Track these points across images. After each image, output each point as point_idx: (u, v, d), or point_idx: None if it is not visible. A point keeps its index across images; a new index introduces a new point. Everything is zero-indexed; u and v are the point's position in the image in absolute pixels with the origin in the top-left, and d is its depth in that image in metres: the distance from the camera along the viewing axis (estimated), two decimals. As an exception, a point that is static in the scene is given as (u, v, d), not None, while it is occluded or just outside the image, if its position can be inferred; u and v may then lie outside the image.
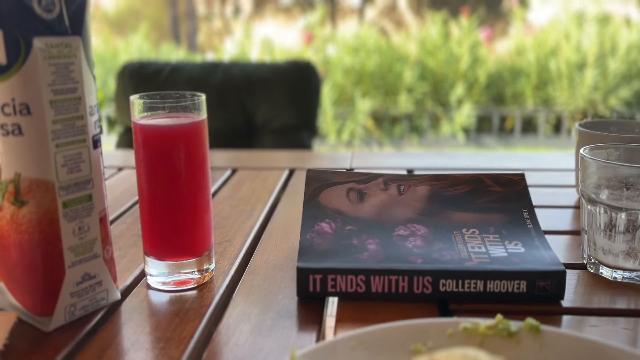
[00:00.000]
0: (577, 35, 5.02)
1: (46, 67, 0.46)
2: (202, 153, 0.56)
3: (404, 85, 5.20)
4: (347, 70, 5.30)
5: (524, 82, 5.09)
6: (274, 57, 5.42)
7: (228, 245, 0.66)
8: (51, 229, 0.48)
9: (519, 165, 1.02)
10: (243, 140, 1.57)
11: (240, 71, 1.61)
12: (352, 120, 5.23)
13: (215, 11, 15.48)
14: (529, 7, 8.63)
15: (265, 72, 1.60)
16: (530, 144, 5.10)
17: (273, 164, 1.03)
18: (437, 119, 5.31)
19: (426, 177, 0.65)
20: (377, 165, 1.01)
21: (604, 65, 4.87)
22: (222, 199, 0.83)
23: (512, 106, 5.23)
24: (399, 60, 5.27)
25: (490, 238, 0.57)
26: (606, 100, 4.90)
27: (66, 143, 0.48)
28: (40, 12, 0.45)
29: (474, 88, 5.17)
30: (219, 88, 1.57)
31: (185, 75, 1.58)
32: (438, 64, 5.21)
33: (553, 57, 5.03)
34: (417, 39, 5.47)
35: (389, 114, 5.39)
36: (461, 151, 5.07)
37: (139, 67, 1.60)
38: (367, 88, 5.31)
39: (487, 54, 5.29)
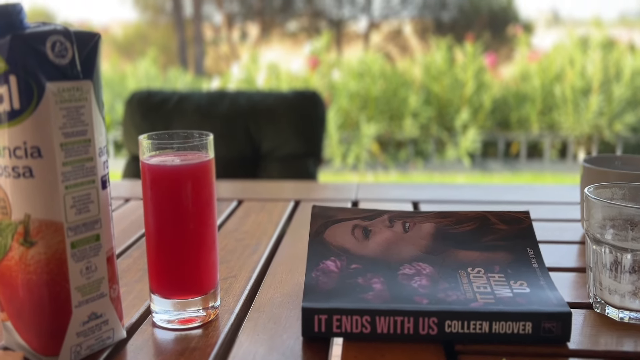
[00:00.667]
0: (581, 60, 5.05)
1: (58, 111, 0.47)
2: (209, 192, 0.57)
3: (409, 110, 5.22)
4: (352, 95, 5.34)
5: (529, 107, 5.11)
6: (280, 82, 5.48)
7: (233, 281, 0.66)
8: (59, 269, 0.48)
9: (524, 197, 1.02)
10: (249, 169, 1.58)
11: (247, 100, 1.63)
12: (357, 144, 5.25)
13: (223, 36, 15.63)
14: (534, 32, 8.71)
15: (271, 101, 1.62)
16: (536, 169, 5.10)
17: (279, 195, 1.03)
18: (443, 144, 5.32)
19: (431, 214, 0.65)
20: (383, 197, 1.01)
21: (609, 90, 4.89)
22: (228, 232, 0.84)
23: (517, 131, 5.24)
24: (404, 85, 5.31)
25: (496, 278, 0.57)
26: (612, 125, 4.90)
27: (75, 184, 0.49)
28: (53, 58, 0.46)
29: (479, 113, 5.19)
30: (226, 117, 1.58)
31: (192, 104, 1.60)
32: (443, 89, 5.24)
33: (558, 83, 5.05)
34: (422, 64, 5.51)
35: (394, 139, 5.41)
36: (466, 176, 5.07)
37: (146, 96, 1.62)
38: (372, 113, 5.35)
39: (491, 79, 5.32)
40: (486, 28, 13.59)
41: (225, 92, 1.69)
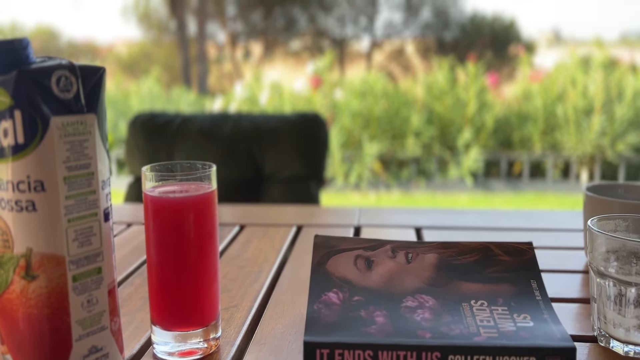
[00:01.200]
0: (583, 80, 5.07)
1: (61, 144, 0.47)
2: (212, 223, 0.57)
3: (412, 129, 5.24)
4: (354, 114, 5.36)
5: (531, 127, 5.12)
6: (282, 101, 5.50)
7: (235, 312, 0.66)
8: (60, 303, 0.48)
9: (526, 224, 1.01)
10: (252, 191, 1.58)
11: (250, 122, 1.63)
12: (359, 163, 5.26)
13: (226, 54, 15.73)
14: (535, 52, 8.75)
15: (274, 123, 1.63)
16: (539, 189, 5.09)
17: (281, 220, 1.03)
18: (445, 163, 5.32)
19: (434, 244, 0.65)
20: (385, 222, 1.01)
21: (611, 111, 4.90)
22: (230, 258, 0.83)
23: (519, 151, 5.24)
24: (406, 104, 5.33)
25: (499, 311, 0.56)
26: (614, 145, 4.91)
27: (78, 217, 0.49)
28: (58, 93, 0.46)
29: (482, 132, 5.20)
30: (229, 139, 1.59)
31: (195, 126, 1.61)
32: (445, 109, 5.26)
33: (560, 103, 5.07)
34: (424, 84, 5.54)
35: (396, 158, 5.42)
36: (469, 195, 5.06)
37: (150, 118, 1.63)
38: (374, 132, 5.36)
39: (494, 99, 5.34)
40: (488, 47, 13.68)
41: (228, 115, 1.69)
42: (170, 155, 1.56)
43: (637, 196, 0.82)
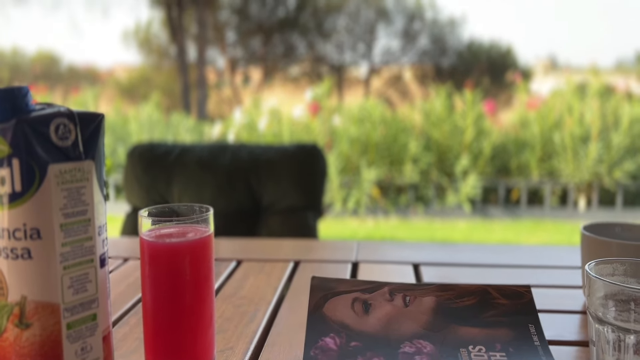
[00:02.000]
0: (579, 108, 5.11)
1: (59, 192, 0.47)
2: (208, 267, 0.56)
3: (409, 156, 5.26)
4: (353, 140, 5.39)
5: (528, 154, 5.14)
6: (281, 127, 5.53)
7: (230, 354, 0.65)
8: (53, 352, 0.48)
9: (524, 260, 1.01)
10: (249, 221, 1.58)
11: (248, 153, 1.64)
12: (358, 189, 5.26)
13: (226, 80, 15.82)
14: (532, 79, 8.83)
15: (272, 154, 1.63)
16: (537, 216, 5.09)
17: (278, 255, 1.03)
18: (443, 189, 5.33)
19: (432, 287, 0.65)
20: (383, 258, 1.01)
21: (608, 138, 4.93)
22: (226, 296, 0.83)
23: (517, 178, 5.26)
24: (404, 131, 5.36)
25: (497, 357, 0.56)
26: (611, 173, 4.92)
27: (74, 264, 0.48)
28: (56, 141, 0.47)
29: (479, 159, 5.22)
30: (227, 170, 1.59)
31: (194, 157, 1.61)
32: (443, 136, 5.29)
33: (557, 130, 5.10)
34: (421, 111, 5.58)
35: (394, 184, 5.43)
36: (467, 222, 5.05)
37: (148, 148, 1.63)
38: (372, 158, 5.38)
39: (491, 126, 5.38)
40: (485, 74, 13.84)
41: (227, 145, 1.70)
42: (169, 185, 1.56)
43: (635, 235, 0.82)
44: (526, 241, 4.40)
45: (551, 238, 4.48)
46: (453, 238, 4.55)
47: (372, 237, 4.62)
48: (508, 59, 14.44)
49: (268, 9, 15.31)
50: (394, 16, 15.31)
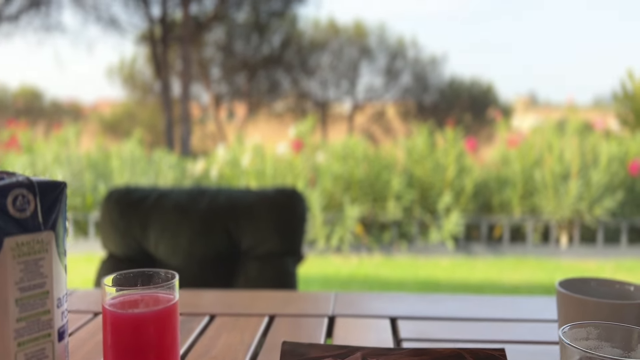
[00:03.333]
0: (559, 145, 5.19)
1: (15, 265, 0.45)
2: (173, 335, 0.55)
3: (392, 193, 5.27)
4: (336, 177, 5.39)
5: (510, 191, 5.19)
6: (264, 164, 5.53)
7: None
8: None
9: (502, 313, 1.00)
10: (227, 267, 1.55)
11: (226, 197, 1.63)
12: (341, 226, 5.25)
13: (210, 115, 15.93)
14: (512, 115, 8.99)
15: (251, 198, 1.62)
16: (519, 253, 5.11)
17: (253, 308, 1.01)
18: (426, 226, 5.34)
19: (406, 351, 0.63)
20: (360, 312, 0.99)
21: (587, 176, 5.00)
22: (197, 355, 0.80)
23: (499, 214, 5.29)
24: (386, 168, 5.39)
25: None
26: (591, 210, 4.97)
27: (29, 340, 0.46)
28: (13, 212, 0.45)
29: (461, 196, 5.25)
30: (205, 214, 1.57)
31: (172, 201, 1.59)
32: (425, 173, 5.32)
33: (537, 167, 5.16)
34: (404, 147, 5.62)
35: (377, 221, 5.42)
36: (450, 259, 5.05)
37: (125, 193, 1.61)
38: (355, 194, 5.38)
39: (472, 163, 5.43)
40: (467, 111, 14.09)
41: (205, 189, 1.68)
42: (145, 231, 1.53)
43: (610, 291, 0.81)
44: (509, 279, 4.40)
45: (534, 275, 4.48)
46: (436, 276, 4.53)
47: (356, 275, 4.59)
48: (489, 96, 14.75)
49: (252, 46, 15.51)
50: (376, 54, 15.60)
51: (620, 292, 0.81)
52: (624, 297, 0.79)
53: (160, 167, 5.56)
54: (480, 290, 4.14)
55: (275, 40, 16.69)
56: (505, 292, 4.08)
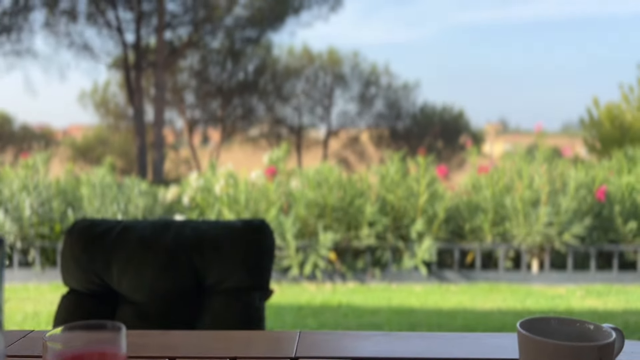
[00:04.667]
0: (529, 171, 5.27)
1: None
2: (118, 393, 0.52)
3: (366, 219, 5.28)
4: (309, 204, 5.38)
5: (481, 217, 5.24)
6: (237, 191, 5.49)
7: None
8: None
9: (467, 352, 0.99)
10: (192, 303, 1.52)
11: (193, 230, 1.60)
12: (315, 253, 5.22)
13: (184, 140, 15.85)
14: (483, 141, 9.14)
15: (217, 231, 1.59)
16: (491, 279, 5.14)
17: (214, 350, 0.98)
18: (399, 253, 5.34)
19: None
20: (324, 352, 0.97)
21: (557, 202, 5.08)
22: (153, 404, 0.77)
23: (471, 241, 5.33)
24: (360, 194, 5.40)
25: None
26: (561, 235, 5.04)
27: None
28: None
29: (434, 223, 5.28)
30: (170, 248, 1.54)
31: (136, 235, 1.56)
32: (398, 199, 5.35)
33: (508, 194, 5.23)
34: (377, 174, 5.64)
35: (351, 247, 5.41)
36: (423, 285, 5.05)
37: (89, 226, 1.57)
38: (329, 221, 5.37)
39: (444, 190, 5.48)
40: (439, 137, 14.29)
41: (171, 222, 1.66)
42: (108, 266, 1.50)
43: (570, 330, 0.81)
44: (481, 305, 4.41)
45: (506, 301, 4.51)
46: (410, 303, 4.53)
47: (329, 302, 4.56)
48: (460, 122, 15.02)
49: (227, 73, 15.56)
50: (350, 81, 15.80)
51: (580, 331, 0.81)
52: (584, 336, 0.79)
53: (131, 195, 5.48)
54: (454, 316, 4.15)
55: (250, 66, 16.79)
56: (477, 318, 4.09)
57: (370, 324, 3.98)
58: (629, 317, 4.02)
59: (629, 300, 4.55)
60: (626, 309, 4.29)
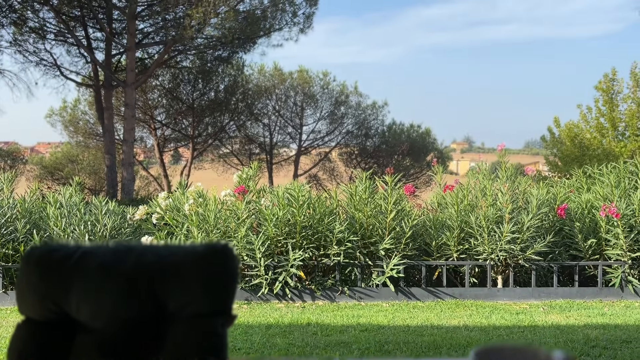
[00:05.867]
0: (492, 189, 5.40)
1: None
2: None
3: (335, 237, 5.32)
4: (279, 222, 5.40)
5: (447, 234, 5.33)
6: (207, 210, 5.48)
7: None
8: None
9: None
10: (154, 329, 1.54)
11: (154, 255, 1.62)
12: (284, 271, 5.23)
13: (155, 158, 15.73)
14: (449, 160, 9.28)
15: (179, 256, 1.61)
16: (457, 295, 5.22)
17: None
18: (368, 270, 5.40)
19: None
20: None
21: (519, 219, 5.21)
22: None
23: (438, 257, 5.41)
24: (329, 213, 5.45)
25: None
26: (524, 252, 5.17)
27: None
28: None
29: (401, 240, 5.35)
30: (131, 274, 1.56)
31: (96, 261, 1.57)
32: (366, 217, 5.42)
33: (472, 211, 5.34)
34: (346, 192, 5.71)
35: (320, 265, 5.45)
36: (391, 303, 5.10)
37: (46, 252, 1.58)
38: (299, 239, 5.40)
39: (411, 207, 5.57)
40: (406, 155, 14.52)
41: (132, 247, 1.67)
42: (66, 293, 1.51)
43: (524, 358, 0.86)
44: (448, 322, 4.48)
45: (472, 317, 4.59)
46: (378, 320, 4.57)
47: (298, 321, 4.57)
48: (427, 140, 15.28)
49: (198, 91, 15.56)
50: (321, 100, 15.96)
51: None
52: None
53: (98, 215, 5.44)
54: (421, 333, 4.20)
55: (222, 85, 16.83)
56: (444, 334, 4.14)
57: (339, 342, 4.00)
58: (589, 332, 4.13)
59: (589, 315, 4.67)
60: (587, 323, 4.41)
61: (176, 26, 13.13)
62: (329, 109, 15.61)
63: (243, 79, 15.69)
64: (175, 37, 12.99)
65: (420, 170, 14.10)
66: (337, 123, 15.31)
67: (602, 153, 12.99)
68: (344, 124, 15.34)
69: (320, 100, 15.80)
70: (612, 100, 13.69)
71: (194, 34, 12.59)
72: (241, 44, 14.17)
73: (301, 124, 15.54)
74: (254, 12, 13.40)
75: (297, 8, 14.30)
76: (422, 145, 14.68)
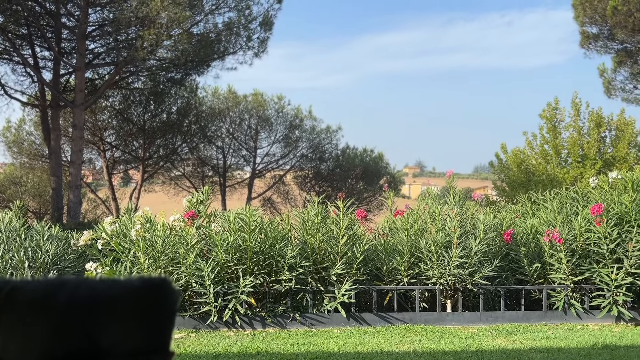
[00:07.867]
0: (441, 214, 5.50)
1: None
2: None
3: (286, 263, 5.29)
4: (230, 248, 5.33)
5: (398, 259, 5.38)
6: (155, 235, 5.36)
7: None
8: None
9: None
10: (85, 367, 1.47)
11: (89, 290, 1.56)
12: (234, 298, 5.15)
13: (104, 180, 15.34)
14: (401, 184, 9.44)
15: (114, 290, 1.56)
16: (408, 320, 5.26)
17: None
18: (320, 296, 5.37)
19: None
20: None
21: (467, 244, 5.31)
22: None
23: (389, 282, 5.45)
24: (281, 238, 5.42)
25: None
26: (472, 276, 5.26)
27: None
28: None
29: (353, 265, 5.37)
30: (64, 310, 1.50)
31: (26, 296, 1.50)
32: (318, 242, 5.41)
33: (422, 236, 5.42)
34: (298, 217, 5.70)
35: (271, 291, 5.39)
36: (343, 330, 5.09)
37: (-25, 288, 1.50)
38: (250, 265, 5.34)
39: (362, 232, 5.60)
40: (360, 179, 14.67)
41: (66, 280, 1.61)
42: (-7, 332, 1.43)
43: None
44: (398, 348, 4.49)
45: (421, 343, 4.61)
46: (329, 347, 4.54)
47: (248, 349, 4.49)
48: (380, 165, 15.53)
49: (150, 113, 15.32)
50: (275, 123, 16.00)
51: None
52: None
53: (40, 240, 5.23)
54: None
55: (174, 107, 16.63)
56: (394, 361, 4.15)
57: (288, 371, 3.95)
58: (534, 355, 4.22)
59: (534, 338, 4.78)
60: (532, 347, 4.51)
61: (128, 47, 12.95)
62: (283, 132, 15.66)
63: (196, 101, 15.56)
64: (127, 58, 12.80)
65: (373, 194, 14.28)
66: (292, 146, 15.36)
67: (546, 179, 13.48)
68: (298, 147, 15.41)
69: (275, 123, 15.83)
70: (555, 128, 14.25)
71: (146, 56, 12.44)
72: (195, 67, 14.07)
73: (255, 147, 15.49)
74: (208, 35, 13.38)
75: (252, 32, 14.36)
76: (375, 170, 14.89)
